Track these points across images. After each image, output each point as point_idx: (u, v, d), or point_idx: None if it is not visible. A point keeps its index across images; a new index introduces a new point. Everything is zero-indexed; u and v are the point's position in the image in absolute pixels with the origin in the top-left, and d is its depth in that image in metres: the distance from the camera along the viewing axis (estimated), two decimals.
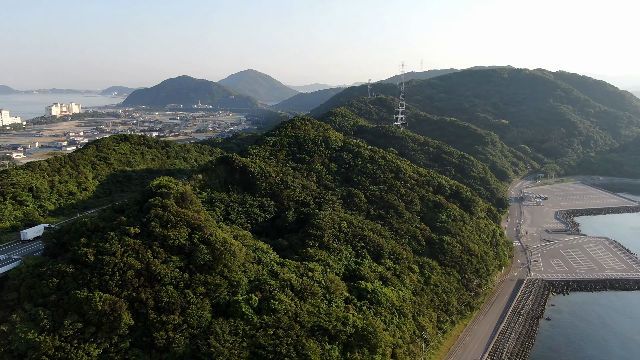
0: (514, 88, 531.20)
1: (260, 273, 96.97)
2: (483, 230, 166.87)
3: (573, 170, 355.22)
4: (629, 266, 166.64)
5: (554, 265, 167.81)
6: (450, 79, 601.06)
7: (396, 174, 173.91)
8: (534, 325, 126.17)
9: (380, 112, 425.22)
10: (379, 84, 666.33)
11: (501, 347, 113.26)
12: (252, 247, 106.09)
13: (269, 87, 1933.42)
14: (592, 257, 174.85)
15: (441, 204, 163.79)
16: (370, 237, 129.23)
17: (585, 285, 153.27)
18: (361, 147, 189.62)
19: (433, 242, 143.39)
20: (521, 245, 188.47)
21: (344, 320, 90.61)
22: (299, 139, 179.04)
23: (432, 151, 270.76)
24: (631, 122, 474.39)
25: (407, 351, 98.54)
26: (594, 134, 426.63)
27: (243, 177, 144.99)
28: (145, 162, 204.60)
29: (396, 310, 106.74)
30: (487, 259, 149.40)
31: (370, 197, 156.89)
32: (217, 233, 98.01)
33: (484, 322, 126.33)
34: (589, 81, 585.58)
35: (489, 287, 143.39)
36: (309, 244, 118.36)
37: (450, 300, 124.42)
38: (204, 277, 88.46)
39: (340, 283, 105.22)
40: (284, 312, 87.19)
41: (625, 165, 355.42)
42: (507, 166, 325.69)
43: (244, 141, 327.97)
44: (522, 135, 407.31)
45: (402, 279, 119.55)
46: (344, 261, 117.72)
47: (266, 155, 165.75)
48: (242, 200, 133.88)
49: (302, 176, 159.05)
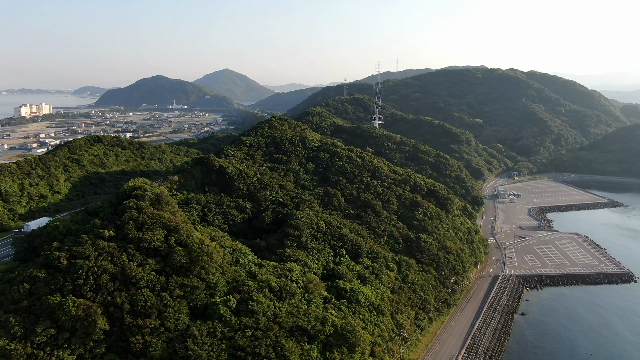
0: (488, 88, 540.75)
1: (238, 274, 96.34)
2: (459, 227, 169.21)
3: (545, 167, 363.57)
4: (599, 261, 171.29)
5: (528, 261, 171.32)
6: (426, 78, 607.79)
7: (373, 173, 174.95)
8: (509, 321, 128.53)
9: (356, 112, 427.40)
10: (356, 84, 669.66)
11: (478, 342, 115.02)
12: (229, 249, 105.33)
13: (245, 87, 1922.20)
14: (564, 253, 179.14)
15: (418, 203, 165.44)
16: (348, 237, 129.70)
17: (557, 280, 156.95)
18: (338, 146, 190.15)
19: (410, 240, 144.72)
20: (496, 242, 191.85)
21: (322, 320, 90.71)
22: (276, 139, 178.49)
23: (409, 150, 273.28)
24: (600, 121, 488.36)
25: (385, 349, 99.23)
26: (564, 132, 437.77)
27: (220, 178, 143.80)
28: (119, 164, 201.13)
29: (374, 308, 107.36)
30: (463, 256, 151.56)
31: (348, 196, 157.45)
32: (194, 235, 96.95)
33: (461, 319, 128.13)
34: (560, 81, 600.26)
35: (465, 283, 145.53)
36: (287, 244, 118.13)
37: (428, 297, 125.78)
38: (180, 280, 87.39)
39: (319, 283, 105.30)
40: (262, 313, 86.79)
41: (594, 163, 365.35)
42: (482, 164, 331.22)
43: (220, 142, 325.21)
44: (495, 134, 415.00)
45: (380, 277, 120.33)
46: (322, 261, 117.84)
47: (243, 156, 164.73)
48: (219, 201, 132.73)
49: (280, 176, 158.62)
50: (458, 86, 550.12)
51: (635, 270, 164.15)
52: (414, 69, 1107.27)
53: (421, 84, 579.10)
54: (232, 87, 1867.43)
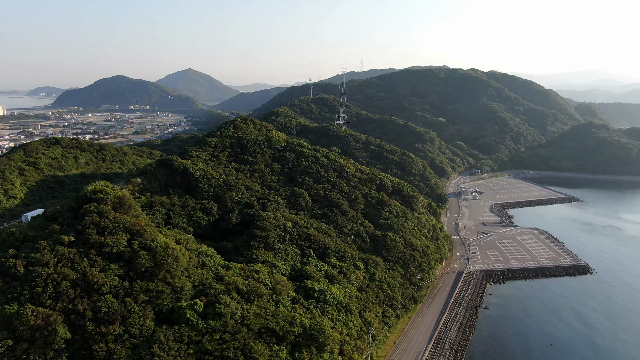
0: (450, 87, 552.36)
1: (204, 277, 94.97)
2: (424, 225, 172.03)
3: (506, 165, 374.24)
4: (558, 254, 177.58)
5: (491, 256, 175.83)
6: (390, 78, 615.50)
7: (339, 172, 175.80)
8: (473, 315, 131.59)
9: (322, 112, 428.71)
10: (321, 84, 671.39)
11: (444, 337, 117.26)
12: (195, 251, 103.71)
13: (209, 87, 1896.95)
14: (524, 247, 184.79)
15: (384, 201, 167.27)
16: (315, 236, 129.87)
17: (519, 274, 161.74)
18: (304, 146, 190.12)
19: (377, 238, 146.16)
20: (460, 238, 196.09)
21: (291, 321, 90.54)
22: (241, 139, 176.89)
23: (374, 149, 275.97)
24: (556, 119, 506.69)
25: (354, 347, 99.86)
26: (523, 130, 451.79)
27: (184, 180, 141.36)
28: (78, 167, 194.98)
29: (343, 307, 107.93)
30: (429, 253, 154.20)
31: (315, 196, 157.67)
32: (158, 238, 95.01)
33: (428, 314, 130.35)
34: (518, 80, 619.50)
35: (431, 280, 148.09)
36: (254, 245, 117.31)
37: (395, 294, 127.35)
38: (145, 284, 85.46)
39: (287, 283, 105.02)
40: (230, 316, 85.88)
41: (552, 160, 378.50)
42: (445, 162, 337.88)
43: (184, 143, 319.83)
44: (458, 133, 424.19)
45: (348, 276, 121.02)
46: (290, 261, 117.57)
47: (208, 157, 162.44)
48: (183, 203, 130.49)
49: (246, 177, 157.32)
50: (421, 86, 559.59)
51: (591, 262, 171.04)
52: (378, 69, 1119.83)
53: (385, 84, 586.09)
54: (196, 87, 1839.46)
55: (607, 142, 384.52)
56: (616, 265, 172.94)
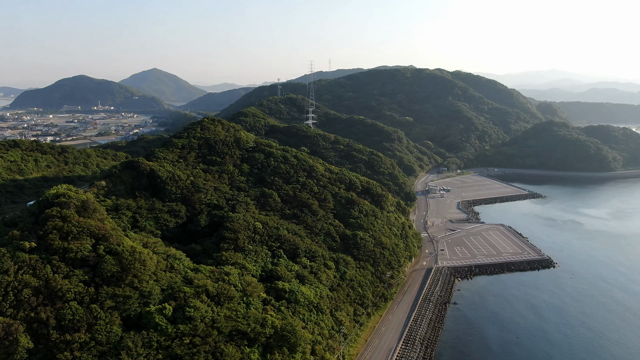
0: (417, 87, 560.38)
1: (173, 281, 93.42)
2: (393, 223, 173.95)
3: (471, 163, 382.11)
4: (522, 249, 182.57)
5: (458, 252, 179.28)
6: (358, 78, 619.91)
7: (309, 172, 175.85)
8: (442, 311, 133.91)
9: (291, 112, 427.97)
10: (289, 84, 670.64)
11: (414, 333, 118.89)
12: (163, 255, 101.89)
13: (175, 87, 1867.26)
14: (490, 243, 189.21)
15: (353, 201, 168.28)
16: (285, 237, 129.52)
17: (486, 269, 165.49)
18: (273, 147, 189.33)
19: (347, 237, 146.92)
20: (428, 235, 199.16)
21: (262, 322, 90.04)
22: (209, 140, 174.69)
23: (343, 149, 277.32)
24: (519, 118, 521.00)
25: (326, 347, 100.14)
26: (488, 129, 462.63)
27: (151, 182, 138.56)
28: (39, 170, 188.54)
29: (314, 307, 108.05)
30: (398, 251, 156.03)
31: (284, 196, 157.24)
32: (125, 242, 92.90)
33: (398, 312, 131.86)
34: (482, 80, 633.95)
35: (401, 277, 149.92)
36: (224, 247, 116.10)
37: (366, 293, 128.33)
38: (112, 290, 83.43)
39: (258, 285, 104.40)
40: (200, 319, 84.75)
41: (515, 157, 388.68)
42: (413, 161, 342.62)
43: (150, 144, 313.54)
44: (425, 132, 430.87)
45: (319, 276, 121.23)
46: (260, 262, 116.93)
47: (175, 158, 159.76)
48: (150, 206, 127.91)
49: (214, 178, 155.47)
50: (389, 85, 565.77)
51: (553, 256, 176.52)
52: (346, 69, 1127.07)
53: (354, 84, 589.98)
54: (162, 87, 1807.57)
55: (567, 140, 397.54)
56: (577, 258, 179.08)
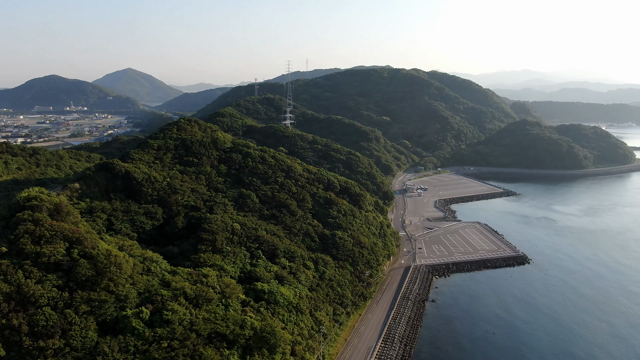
0: (394, 87, 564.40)
1: (150, 284, 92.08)
2: (372, 222, 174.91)
3: (448, 162, 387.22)
4: (498, 246, 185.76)
5: (436, 250, 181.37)
6: (335, 78, 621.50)
7: (287, 172, 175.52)
8: (421, 308, 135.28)
9: (268, 112, 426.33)
10: (266, 84, 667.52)
11: (393, 332, 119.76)
12: (140, 258, 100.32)
13: (150, 87, 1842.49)
14: (467, 241, 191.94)
15: (332, 200, 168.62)
16: (264, 238, 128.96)
17: (463, 266, 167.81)
18: (251, 147, 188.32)
19: (326, 237, 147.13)
20: (406, 234, 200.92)
21: (241, 324, 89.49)
22: (186, 141, 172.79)
23: (321, 149, 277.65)
24: (494, 117, 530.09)
25: (306, 347, 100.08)
26: (464, 128, 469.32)
27: (126, 184, 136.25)
28: (10, 173, 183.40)
29: (293, 307, 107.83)
30: (377, 250, 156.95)
31: (263, 197, 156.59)
32: (100, 245, 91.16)
33: (377, 310, 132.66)
34: (458, 80, 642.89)
35: (380, 276, 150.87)
36: (202, 249, 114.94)
37: (345, 292, 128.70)
38: (87, 294, 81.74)
39: (236, 286, 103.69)
40: (178, 322, 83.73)
41: (490, 156, 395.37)
42: (391, 160, 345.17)
43: (125, 145, 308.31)
44: (402, 131, 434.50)
45: (298, 276, 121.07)
46: (239, 264, 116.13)
47: (151, 160, 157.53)
48: (126, 208, 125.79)
49: (191, 179, 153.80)
50: (366, 85, 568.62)
51: (528, 252, 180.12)
52: (324, 69, 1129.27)
53: (331, 84, 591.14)
54: (137, 87, 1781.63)
55: (540, 139, 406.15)
56: (550, 254, 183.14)
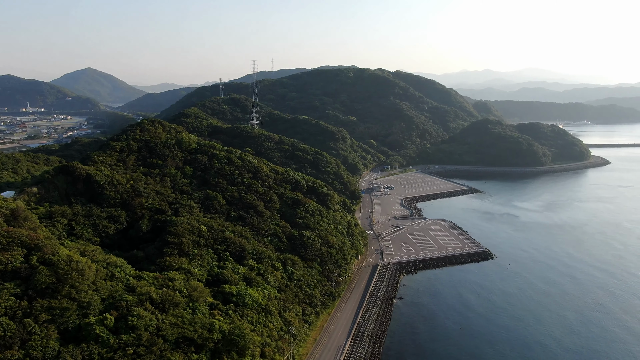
0: (359, 87, 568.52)
1: (114, 290, 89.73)
2: (339, 222, 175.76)
3: (413, 160, 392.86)
4: (463, 242, 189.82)
5: (403, 248, 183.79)
6: (301, 78, 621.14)
7: (254, 173, 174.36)
8: (389, 306, 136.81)
9: (234, 112, 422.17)
10: (232, 84, 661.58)
11: (362, 330, 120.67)
12: (103, 263, 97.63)
13: (111, 88, 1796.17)
14: (433, 238, 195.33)
15: (299, 201, 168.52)
16: (231, 239, 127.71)
17: (429, 263, 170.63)
18: (217, 148, 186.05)
19: (294, 238, 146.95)
20: (374, 233, 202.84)
21: (210, 327, 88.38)
22: (150, 142, 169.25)
23: (288, 149, 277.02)
24: (457, 116, 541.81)
25: (275, 348, 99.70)
26: (428, 127, 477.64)
27: (88, 187, 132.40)
28: None
29: (262, 309, 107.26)
30: (345, 249, 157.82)
31: (229, 198, 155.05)
32: (60, 251, 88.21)
33: (346, 309, 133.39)
34: (422, 80, 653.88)
35: (348, 275, 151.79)
36: (168, 252, 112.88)
37: (314, 292, 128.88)
38: (47, 302, 78.92)
39: (204, 289, 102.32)
40: (144, 328, 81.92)
41: (454, 154, 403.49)
42: (357, 160, 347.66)
43: (86, 147, 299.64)
44: (368, 131, 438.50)
45: (266, 277, 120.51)
46: (206, 266, 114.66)
47: (113, 162, 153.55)
48: (88, 212, 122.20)
49: (156, 182, 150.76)
50: (332, 85, 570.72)
51: (491, 248, 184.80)
52: (290, 69, 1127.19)
53: (297, 84, 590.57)
54: (97, 87, 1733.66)
55: (501, 137, 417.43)
56: (513, 249, 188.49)
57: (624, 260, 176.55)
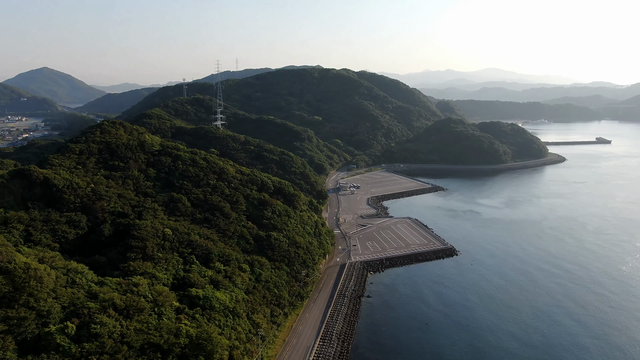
0: (325, 87, 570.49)
1: (75, 297, 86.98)
2: (306, 222, 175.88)
3: (379, 159, 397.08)
4: (428, 240, 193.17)
5: (370, 247, 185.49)
6: (266, 78, 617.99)
7: (219, 175, 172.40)
8: (357, 305, 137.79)
9: (198, 113, 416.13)
10: (195, 84, 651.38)
11: (331, 329, 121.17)
12: (63, 269, 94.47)
13: (70, 88, 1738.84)
14: (399, 236, 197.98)
15: (266, 201, 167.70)
16: (197, 242, 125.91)
17: (396, 261, 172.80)
18: (181, 149, 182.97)
19: (261, 239, 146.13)
20: (341, 232, 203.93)
21: (176, 332, 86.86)
22: (111, 144, 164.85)
23: (253, 150, 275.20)
24: (421, 115, 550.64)
25: (244, 351, 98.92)
26: (393, 126, 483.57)
27: (45, 192, 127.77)
28: None
29: (230, 312, 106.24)
30: (312, 249, 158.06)
31: (195, 200, 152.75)
32: (17, 258, 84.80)
33: (314, 309, 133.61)
34: (386, 80, 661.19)
35: (316, 275, 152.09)
36: (131, 257, 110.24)
37: (282, 293, 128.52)
38: (3, 312, 75.75)
39: (170, 294, 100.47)
40: (107, 336, 79.75)
41: (418, 153, 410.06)
42: (324, 160, 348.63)
43: (43, 150, 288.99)
44: (334, 130, 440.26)
45: (234, 279, 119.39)
46: (172, 270, 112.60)
47: (72, 165, 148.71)
48: (46, 217, 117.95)
49: (118, 185, 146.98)
50: (297, 85, 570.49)
51: (456, 245, 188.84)
52: (254, 69, 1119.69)
53: (262, 84, 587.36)
54: (54, 87, 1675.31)
55: (464, 136, 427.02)
56: (476, 245, 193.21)
57: (578, 254, 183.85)
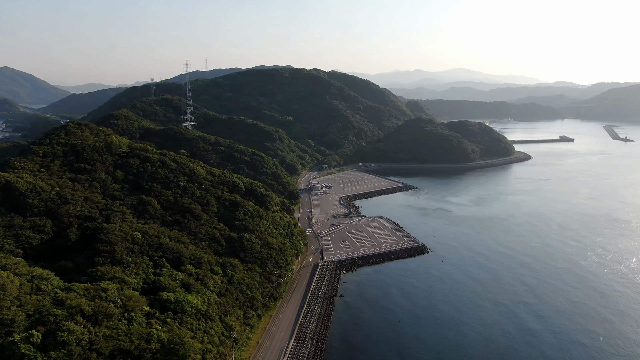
0: (295, 87, 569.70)
1: (41, 304, 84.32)
2: (279, 223, 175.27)
3: (350, 159, 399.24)
4: (400, 238, 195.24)
5: (342, 246, 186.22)
6: (236, 78, 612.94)
7: (189, 176, 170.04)
8: (330, 304, 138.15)
9: (167, 113, 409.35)
10: (164, 84, 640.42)
11: (305, 329, 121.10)
12: (27, 276, 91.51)
13: (32, 88, 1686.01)
14: (371, 235, 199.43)
15: (237, 203, 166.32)
16: (168, 245, 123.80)
17: (368, 260, 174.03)
18: (150, 151, 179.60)
19: (233, 240, 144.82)
20: (313, 232, 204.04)
21: (147, 337, 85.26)
22: (76, 146, 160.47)
23: (224, 150, 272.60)
24: (391, 115, 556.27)
25: (217, 354, 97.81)
26: (364, 126, 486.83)
27: (7, 196, 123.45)
28: None
29: (202, 315, 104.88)
30: (285, 250, 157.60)
31: (164, 203, 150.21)
32: None
33: (288, 310, 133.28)
34: (357, 80, 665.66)
35: (289, 276, 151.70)
36: (99, 261, 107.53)
37: (255, 295, 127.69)
38: None
39: (140, 298, 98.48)
40: (75, 343, 77.60)
41: (389, 152, 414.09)
42: (295, 160, 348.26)
43: (4, 152, 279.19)
44: (305, 130, 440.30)
45: (206, 282, 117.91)
46: (142, 274, 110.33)
47: (36, 168, 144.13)
48: (8, 222, 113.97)
49: (84, 188, 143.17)
50: (268, 85, 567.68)
51: (427, 242, 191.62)
52: (224, 68, 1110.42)
53: (232, 84, 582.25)
54: (16, 87, 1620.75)
55: (433, 135, 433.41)
56: (446, 242, 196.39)
57: (544, 249, 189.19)
